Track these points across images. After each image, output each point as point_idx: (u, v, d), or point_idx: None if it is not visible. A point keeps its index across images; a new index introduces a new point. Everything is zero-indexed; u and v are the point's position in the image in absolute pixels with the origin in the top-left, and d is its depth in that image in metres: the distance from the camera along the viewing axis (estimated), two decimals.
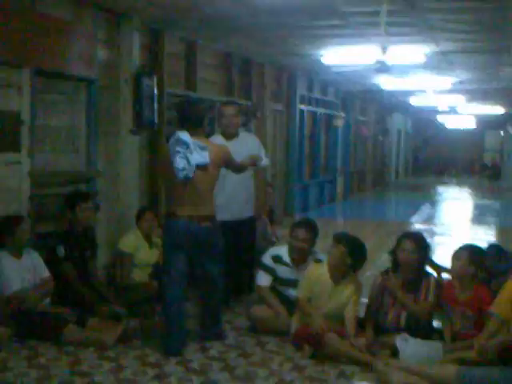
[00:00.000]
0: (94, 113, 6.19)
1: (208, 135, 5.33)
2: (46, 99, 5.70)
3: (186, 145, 4.58)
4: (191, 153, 4.58)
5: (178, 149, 4.57)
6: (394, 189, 23.22)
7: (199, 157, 4.62)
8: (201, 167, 4.63)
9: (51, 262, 5.26)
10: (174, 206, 4.74)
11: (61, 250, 5.31)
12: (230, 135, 5.81)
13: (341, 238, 4.93)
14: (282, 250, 5.41)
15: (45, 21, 5.50)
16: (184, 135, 4.63)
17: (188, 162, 4.57)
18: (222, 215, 5.23)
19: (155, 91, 6.84)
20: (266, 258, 5.40)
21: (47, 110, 5.70)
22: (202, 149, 4.65)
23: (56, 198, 5.74)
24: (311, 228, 5.34)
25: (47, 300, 5.08)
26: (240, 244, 5.82)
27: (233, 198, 5.73)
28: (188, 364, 4.42)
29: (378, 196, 20.08)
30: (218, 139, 5.61)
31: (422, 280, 4.89)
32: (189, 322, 5.03)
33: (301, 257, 5.31)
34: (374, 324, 4.87)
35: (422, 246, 4.92)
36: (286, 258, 5.34)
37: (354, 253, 4.91)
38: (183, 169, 4.55)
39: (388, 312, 4.87)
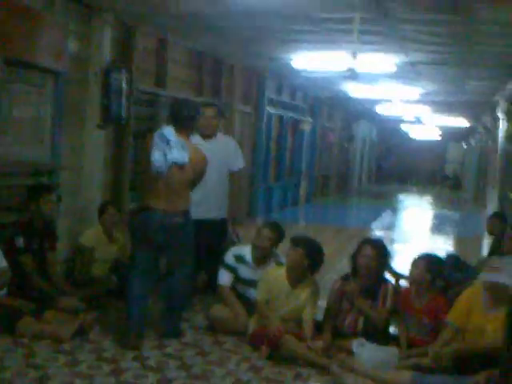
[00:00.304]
0: (60, 105, 6.11)
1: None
2: (12, 89, 5.60)
3: (167, 140, 4.67)
4: (170, 149, 4.67)
5: (158, 142, 4.68)
6: (357, 195, 23.44)
7: (178, 155, 4.69)
8: (178, 165, 4.70)
9: (9, 252, 5.16)
10: (148, 199, 4.80)
11: (20, 241, 5.23)
12: (207, 136, 5.94)
13: (299, 241, 4.97)
14: (245, 250, 5.43)
15: (15, 8, 5.41)
16: (168, 131, 4.73)
17: (165, 157, 4.65)
18: (196, 213, 5.26)
19: (124, 86, 6.79)
20: (229, 257, 5.41)
21: (13, 100, 5.61)
22: (183, 148, 4.72)
23: (17, 189, 5.65)
24: (276, 229, 5.38)
25: (3, 291, 4.97)
26: (210, 244, 5.84)
27: (208, 198, 5.80)
28: (144, 361, 4.40)
29: (341, 201, 20.25)
30: (195, 139, 5.59)
31: (381, 286, 4.95)
32: (148, 317, 5.01)
33: (263, 257, 5.34)
34: (332, 328, 4.92)
35: (382, 253, 5.00)
36: (249, 257, 5.36)
37: (311, 255, 4.95)
38: (158, 162, 4.63)
39: (346, 316, 4.92)
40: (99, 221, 6.10)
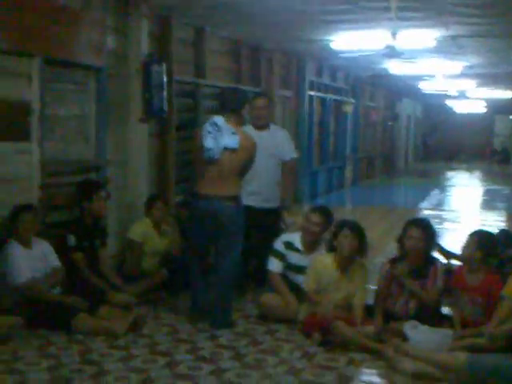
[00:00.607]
0: (103, 101, 6.18)
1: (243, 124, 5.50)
2: (56, 88, 5.68)
3: (217, 127, 4.91)
4: (222, 135, 4.90)
5: (209, 129, 4.91)
6: (404, 174, 23.13)
7: (229, 140, 4.90)
8: (229, 150, 4.90)
9: (62, 251, 5.28)
10: (200, 186, 5.04)
11: (71, 240, 5.33)
12: (260, 127, 6.00)
13: (355, 230, 4.91)
14: (294, 237, 5.41)
15: (54, 9, 5.48)
16: (218, 119, 4.97)
17: (217, 142, 4.87)
18: (250, 202, 5.58)
19: (164, 79, 6.82)
20: (278, 244, 5.40)
21: (57, 100, 5.69)
22: (233, 133, 4.93)
23: (66, 187, 5.74)
24: (325, 214, 5.35)
25: (57, 289, 5.10)
26: (262, 234, 5.92)
27: (261, 188, 5.90)
28: (198, 352, 4.44)
29: (388, 182, 20.01)
30: (248, 129, 5.65)
31: (430, 267, 4.88)
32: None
33: (312, 242, 5.31)
34: (383, 311, 4.87)
35: (428, 233, 4.91)
36: (298, 244, 5.35)
37: (361, 240, 4.91)
38: (210, 148, 4.87)
39: (396, 299, 4.87)
40: (147, 215, 6.15)
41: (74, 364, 4.15)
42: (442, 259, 6.30)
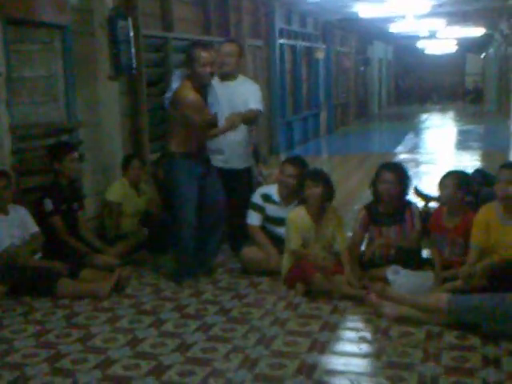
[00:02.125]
0: (70, 60, 6.01)
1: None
2: (21, 49, 5.52)
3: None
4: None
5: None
6: (378, 120, 23.18)
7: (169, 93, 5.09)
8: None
9: (39, 216, 5.22)
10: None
11: (48, 204, 5.25)
12: (224, 77, 5.53)
13: (317, 178, 4.90)
14: (272, 189, 5.40)
15: None
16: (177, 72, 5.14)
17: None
18: (221, 163, 5.47)
19: (131, 34, 6.65)
20: (256, 197, 5.39)
21: (22, 61, 5.54)
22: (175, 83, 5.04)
23: (38, 151, 5.64)
24: (299, 164, 5.32)
25: (38, 255, 5.06)
26: (237, 193, 5.66)
27: (232, 146, 5.57)
28: (183, 310, 4.46)
29: (363, 128, 20.04)
30: (214, 81, 5.15)
31: (405, 210, 4.93)
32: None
33: (289, 194, 5.30)
34: (358, 256, 4.94)
35: (401, 176, 4.94)
36: (276, 196, 5.34)
37: (328, 188, 4.92)
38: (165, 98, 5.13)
39: (375, 245, 4.90)
40: (124, 175, 6.09)
41: (60, 328, 4.14)
42: (420, 202, 6.38)
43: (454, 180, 4.76)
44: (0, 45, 5.09)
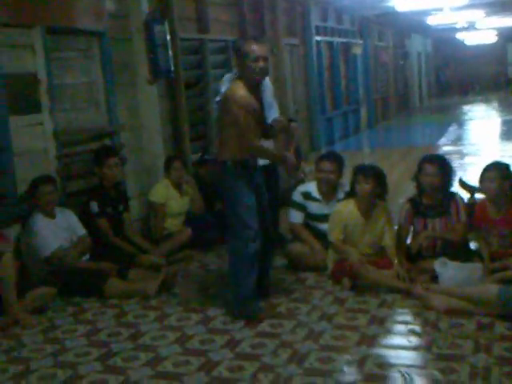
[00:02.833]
0: (109, 66, 6.11)
1: None
2: (60, 57, 5.62)
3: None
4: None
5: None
6: (420, 113, 22.88)
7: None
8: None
9: (85, 219, 5.31)
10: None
11: (94, 207, 5.35)
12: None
13: (367, 171, 4.85)
14: (311, 186, 5.39)
15: None
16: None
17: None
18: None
19: (168, 37, 6.71)
20: (296, 196, 5.38)
21: (63, 68, 5.64)
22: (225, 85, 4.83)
23: (83, 156, 5.74)
24: (335, 159, 5.30)
25: (86, 257, 5.15)
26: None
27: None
28: (230, 307, 4.44)
29: (404, 122, 19.81)
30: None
31: (450, 202, 4.86)
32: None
33: (330, 190, 5.28)
34: (405, 249, 4.89)
35: (443, 169, 4.86)
36: (316, 193, 5.32)
37: (381, 184, 4.87)
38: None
39: (421, 237, 4.83)
40: (166, 176, 6.16)
41: (110, 328, 4.20)
42: (465, 194, 6.28)
43: (499, 172, 4.70)
44: (40, 53, 5.21)
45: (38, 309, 4.50)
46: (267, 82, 4.88)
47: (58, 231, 4.95)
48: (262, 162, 4.78)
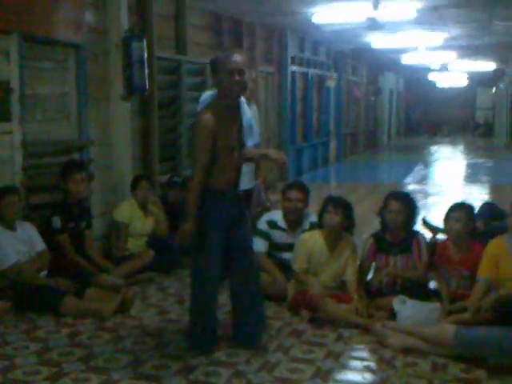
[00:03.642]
0: (83, 79, 6.06)
1: None
2: (35, 67, 5.56)
3: None
4: None
5: None
6: (388, 150, 23.19)
7: None
8: None
9: (46, 233, 5.23)
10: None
11: (57, 222, 5.27)
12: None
13: (338, 203, 4.88)
14: (277, 215, 5.38)
15: None
16: None
17: None
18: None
19: (145, 55, 6.71)
20: (261, 224, 5.38)
21: (36, 78, 5.58)
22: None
23: (50, 168, 5.66)
24: (302, 188, 5.32)
25: (44, 272, 5.06)
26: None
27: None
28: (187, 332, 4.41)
29: (372, 158, 20.04)
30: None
31: (412, 239, 4.90)
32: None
33: (296, 219, 5.29)
34: (364, 285, 4.91)
35: (408, 206, 4.91)
36: (281, 222, 5.32)
37: (347, 216, 4.89)
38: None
39: (382, 274, 4.87)
40: (132, 195, 6.10)
41: (63, 347, 4.11)
42: (428, 233, 6.35)
43: (464, 213, 4.77)
44: (15, 61, 5.15)
45: None
46: (244, 103, 4.43)
47: (17, 244, 4.86)
48: (243, 185, 4.55)
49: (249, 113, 4.03)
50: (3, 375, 3.65)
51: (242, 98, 3.98)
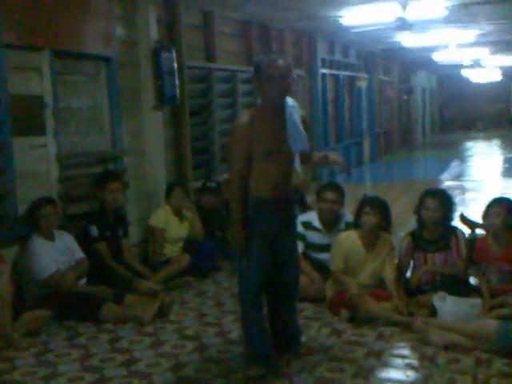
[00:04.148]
0: (115, 91, 6.15)
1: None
2: (67, 81, 5.67)
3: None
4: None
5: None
6: (422, 148, 22.93)
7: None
8: None
9: (85, 242, 5.30)
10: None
11: (94, 231, 5.35)
12: None
13: (376, 206, 4.84)
14: (312, 216, 5.38)
15: (61, 0, 5.44)
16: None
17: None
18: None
19: (175, 65, 6.78)
20: (297, 226, 5.36)
21: (69, 92, 5.68)
22: None
23: (85, 179, 5.75)
24: (337, 189, 5.31)
25: (83, 281, 5.13)
26: None
27: None
28: (226, 335, 4.43)
29: (406, 156, 19.84)
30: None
31: (450, 236, 4.84)
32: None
33: (331, 219, 5.27)
34: (404, 283, 4.86)
35: (445, 203, 4.85)
36: (316, 223, 5.31)
37: (386, 216, 4.86)
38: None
39: (420, 271, 4.82)
40: (167, 202, 6.16)
41: (104, 353, 4.17)
42: (466, 229, 6.26)
43: (504, 207, 4.70)
44: (47, 76, 5.25)
45: (32, 331, 4.46)
46: (293, 104, 3.87)
47: (56, 254, 4.94)
48: None
49: (296, 117, 3.75)
50: (46, 382, 3.71)
51: (290, 102, 3.78)
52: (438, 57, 17.25)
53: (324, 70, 13.09)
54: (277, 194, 3.72)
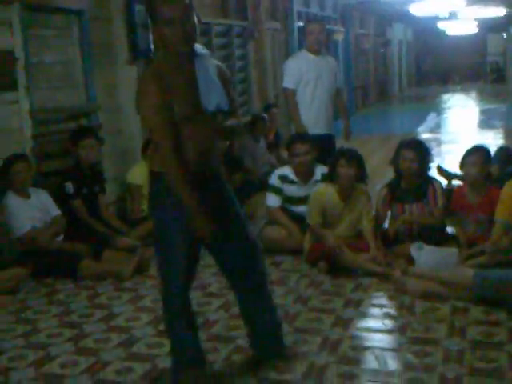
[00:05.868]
0: (87, 45, 6.01)
1: None
2: (39, 35, 5.52)
3: None
4: None
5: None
6: (399, 101, 22.95)
7: None
8: None
9: (60, 199, 5.25)
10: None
11: (70, 188, 5.28)
12: (316, 52, 6.14)
13: (351, 158, 4.83)
14: (288, 169, 5.37)
15: None
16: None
17: None
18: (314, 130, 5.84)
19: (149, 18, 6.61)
20: (273, 179, 5.36)
21: (40, 46, 5.54)
22: None
23: (59, 135, 5.65)
24: (305, 140, 5.28)
25: (60, 238, 5.09)
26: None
27: (321, 114, 6.14)
28: (205, 289, 4.44)
29: (383, 110, 19.85)
30: (303, 54, 6.22)
31: (428, 186, 4.87)
32: None
33: (306, 171, 5.26)
34: (386, 234, 4.89)
35: (421, 153, 4.86)
36: (292, 176, 5.30)
37: (360, 168, 4.85)
38: None
39: (398, 222, 4.85)
40: (143, 158, 6.09)
41: (83, 309, 4.16)
42: (444, 180, 6.31)
43: (480, 157, 4.72)
44: (17, 30, 5.11)
45: (10, 289, 4.43)
46: (203, 51, 2.98)
47: (31, 211, 4.88)
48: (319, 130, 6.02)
49: (209, 67, 2.90)
50: (26, 339, 3.71)
51: (199, 48, 2.93)
52: (415, 9, 17.13)
53: (300, 23, 12.91)
54: (198, 168, 2.90)
